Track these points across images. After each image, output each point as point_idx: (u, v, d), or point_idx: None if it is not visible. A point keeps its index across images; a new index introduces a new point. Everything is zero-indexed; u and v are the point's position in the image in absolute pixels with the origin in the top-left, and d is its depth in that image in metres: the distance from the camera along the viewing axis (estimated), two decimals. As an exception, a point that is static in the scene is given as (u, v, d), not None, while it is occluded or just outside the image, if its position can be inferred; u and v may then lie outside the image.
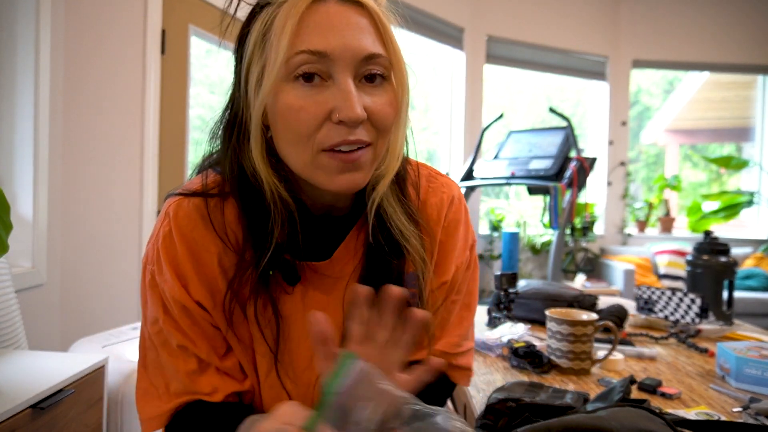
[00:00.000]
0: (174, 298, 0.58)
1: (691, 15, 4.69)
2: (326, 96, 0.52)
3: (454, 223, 0.69)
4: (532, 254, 4.40)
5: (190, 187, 0.61)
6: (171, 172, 2.20)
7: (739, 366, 0.99)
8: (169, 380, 0.60)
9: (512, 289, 1.41)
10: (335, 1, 0.53)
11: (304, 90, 0.52)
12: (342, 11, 0.52)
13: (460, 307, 0.72)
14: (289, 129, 0.53)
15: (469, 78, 4.13)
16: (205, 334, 0.60)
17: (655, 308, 1.45)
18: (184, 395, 0.60)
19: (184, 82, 2.25)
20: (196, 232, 0.59)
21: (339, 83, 0.52)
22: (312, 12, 0.52)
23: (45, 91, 1.62)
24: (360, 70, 0.53)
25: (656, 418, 0.66)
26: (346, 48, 0.51)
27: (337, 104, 0.51)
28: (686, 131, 6.00)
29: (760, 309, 3.75)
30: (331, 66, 0.51)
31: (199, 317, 0.59)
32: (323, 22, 0.51)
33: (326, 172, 0.54)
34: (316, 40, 0.51)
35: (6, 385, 1.01)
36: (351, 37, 0.52)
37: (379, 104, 0.54)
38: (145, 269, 0.61)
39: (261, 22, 0.54)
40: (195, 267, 0.59)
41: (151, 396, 0.61)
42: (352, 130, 0.52)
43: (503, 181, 3.16)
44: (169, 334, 0.59)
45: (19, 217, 1.59)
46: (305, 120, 0.52)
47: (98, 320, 1.84)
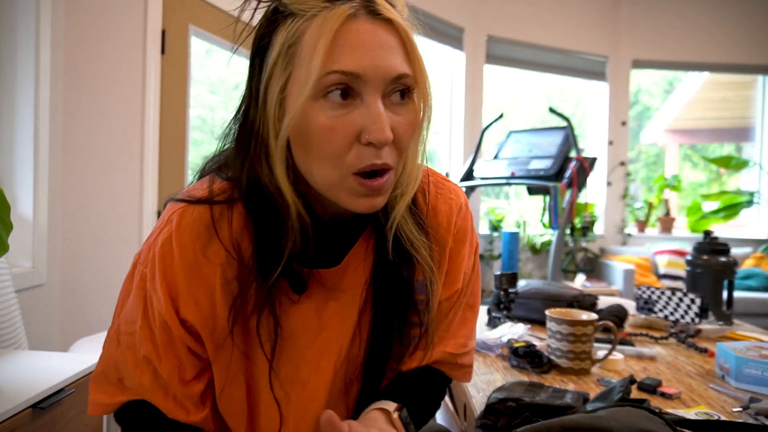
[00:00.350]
0: (159, 312, 0.57)
1: (691, 15, 4.69)
2: (355, 116, 0.52)
3: (462, 231, 0.70)
4: (532, 254, 4.40)
5: (194, 194, 0.59)
6: (171, 172, 2.20)
7: (738, 366, 1.00)
8: (123, 375, 0.60)
9: (512, 289, 1.41)
10: (365, 18, 0.52)
11: (333, 110, 0.51)
12: (373, 30, 0.52)
13: (464, 309, 0.73)
14: (318, 148, 0.52)
15: (469, 78, 4.13)
16: (175, 355, 0.59)
17: (654, 308, 1.45)
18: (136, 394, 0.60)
19: (184, 82, 2.25)
20: (198, 243, 0.57)
21: (368, 104, 0.51)
22: (344, 30, 0.51)
23: (45, 91, 1.62)
24: (387, 89, 0.53)
25: (656, 418, 0.66)
26: (377, 69, 0.51)
27: (367, 125, 0.51)
28: (686, 131, 5.99)
29: (760, 309, 3.75)
30: (361, 86, 0.51)
31: (177, 338, 0.58)
32: (356, 42, 0.51)
33: (351, 194, 0.54)
34: (348, 59, 0.50)
35: (6, 385, 1.01)
36: (382, 58, 0.51)
37: (403, 124, 0.54)
38: (136, 267, 0.61)
39: (285, 32, 0.53)
40: (189, 281, 0.57)
41: (104, 381, 0.61)
42: (379, 152, 0.52)
43: (503, 181, 3.16)
44: (140, 342, 0.58)
45: (19, 217, 1.59)
46: (335, 141, 0.52)
47: (98, 320, 1.84)
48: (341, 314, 0.63)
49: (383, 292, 0.63)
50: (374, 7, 0.52)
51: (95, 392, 0.62)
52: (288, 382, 0.62)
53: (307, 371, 0.63)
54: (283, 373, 0.62)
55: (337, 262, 0.63)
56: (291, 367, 0.62)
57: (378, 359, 0.65)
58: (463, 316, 0.73)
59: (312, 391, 0.64)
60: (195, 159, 2.36)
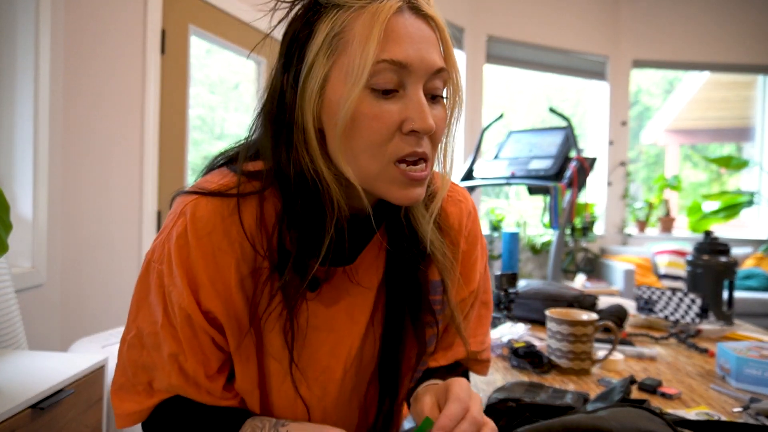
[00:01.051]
0: (180, 305, 0.56)
1: (691, 15, 4.69)
2: (399, 106, 0.53)
3: (474, 234, 0.72)
4: (532, 254, 4.40)
5: (206, 186, 0.58)
6: (171, 172, 2.20)
7: (739, 366, 0.99)
8: (152, 378, 0.59)
9: (512, 289, 1.41)
10: (410, 13, 0.54)
11: (377, 99, 0.52)
12: (417, 24, 0.54)
13: (479, 306, 0.75)
14: (362, 137, 0.53)
15: (469, 78, 4.13)
16: (200, 350, 0.58)
17: (655, 308, 1.45)
18: (167, 394, 0.59)
19: (184, 82, 2.25)
20: (215, 235, 0.56)
21: (411, 95, 0.53)
22: (393, 22, 0.52)
23: (45, 91, 1.62)
24: (428, 83, 0.54)
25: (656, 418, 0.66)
26: (422, 60, 0.53)
27: (410, 115, 0.52)
28: (686, 131, 5.99)
29: (760, 309, 3.75)
30: (406, 77, 0.53)
31: (200, 330, 0.57)
32: (404, 34, 0.52)
33: (392, 184, 0.55)
34: (397, 50, 0.52)
35: (6, 385, 1.00)
36: (426, 51, 0.53)
37: (438, 118, 0.56)
38: (150, 266, 0.58)
39: (330, 23, 0.53)
40: (209, 272, 0.56)
41: (128, 392, 0.60)
42: (420, 141, 0.54)
43: (503, 181, 3.16)
44: (164, 340, 0.57)
45: (19, 217, 1.59)
46: (379, 129, 0.52)
47: (98, 320, 1.84)
48: (352, 313, 0.63)
49: (397, 291, 0.64)
50: (416, 3, 0.54)
51: (122, 403, 0.60)
52: (297, 380, 0.62)
53: (318, 370, 0.63)
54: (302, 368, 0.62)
55: (351, 260, 0.63)
56: (302, 365, 0.62)
57: (392, 359, 0.65)
58: (479, 313, 0.75)
59: (321, 389, 0.64)
60: (195, 159, 2.36)
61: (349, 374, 0.65)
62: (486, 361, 0.77)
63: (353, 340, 0.64)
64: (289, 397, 0.63)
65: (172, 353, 0.57)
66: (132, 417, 0.59)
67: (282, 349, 0.60)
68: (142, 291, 0.59)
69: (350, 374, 0.65)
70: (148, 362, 0.59)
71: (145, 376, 0.59)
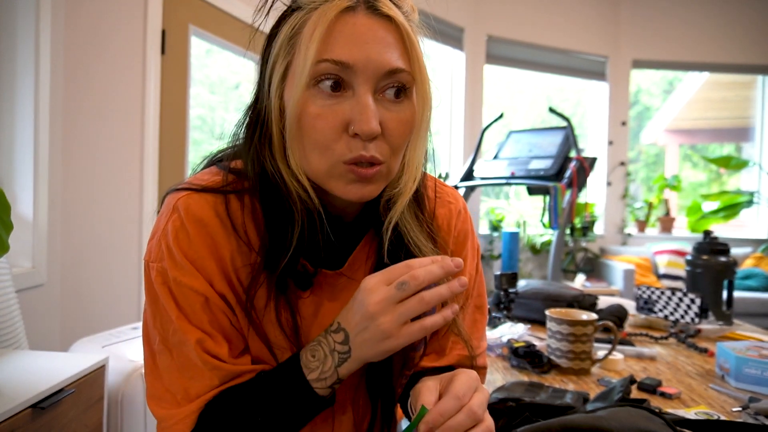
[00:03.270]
0: (195, 291, 0.55)
1: (691, 15, 4.69)
2: (344, 107, 0.52)
3: (463, 234, 0.72)
4: (532, 254, 4.40)
5: (198, 183, 0.59)
6: (171, 172, 2.20)
7: (738, 366, 1.00)
8: (188, 383, 0.56)
9: (512, 289, 1.41)
10: (365, 13, 0.53)
11: (323, 99, 0.52)
12: (370, 24, 0.52)
13: (473, 310, 0.74)
14: (308, 136, 0.53)
15: (469, 78, 4.13)
16: (222, 330, 0.57)
17: (654, 308, 1.45)
18: (208, 393, 0.56)
19: (184, 82, 2.25)
20: (211, 227, 0.57)
21: (358, 96, 0.52)
22: (341, 22, 0.52)
23: (45, 91, 1.62)
24: (381, 84, 0.53)
25: (656, 418, 0.66)
26: (369, 60, 0.51)
27: (354, 116, 0.52)
28: (686, 131, 5.99)
29: (760, 309, 3.75)
30: (352, 77, 0.52)
31: (219, 312, 0.57)
32: (350, 33, 0.52)
33: (342, 181, 0.54)
34: (340, 50, 0.51)
35: (6, 385, 1.01)
36: (375, 51, 0.52)
37: (395, 121, 0.54)
38: (150, 268, 0.57)
39: (289, 25, 0.54)
40: (213, 260, 0.57)
41: (168, 403, 0.57)
42: (367, 144, 0.53)
43: (503, 181, 3.16)
44: (185, 331, 0.55)
45: (19, 217, 1.59)
46: (322, 129, 0.52)
47: (98, 320, 1.84)
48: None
49: None
50: (374, 3, 0.53)
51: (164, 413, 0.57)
52: None
53: None
54: None
55: (340, 264, 0.63)
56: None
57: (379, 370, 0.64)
58: (473, 317, 0.74)
59: None
60: (195, 159, 2.36)
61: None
62: (482, 368, 0.74)
63: None
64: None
65: (198, 339, 0.55)
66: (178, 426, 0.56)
67: (279, 340, 0.60)
68: (151, 295, 0.58)
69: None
70: (180, 364, 0.56)
71: (180, 381, 0.56)
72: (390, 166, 0.56)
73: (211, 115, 2.78)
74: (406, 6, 0.57)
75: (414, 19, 0.58)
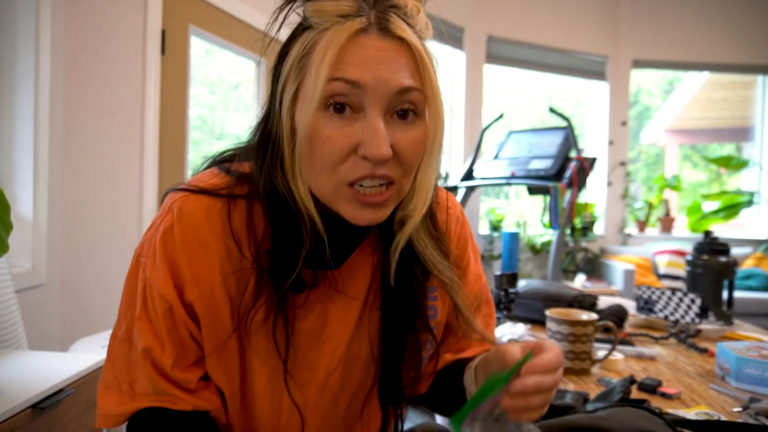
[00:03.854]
0: (163, 296, 0.57)
1: (691, 15, 4.69)
2: (354, 129, 0.52)
3: (464, 239, 0.73)
4: (532, 254, 4.40)
5: (198, 184, 0.59)
6: (171, 172, 2.20)
7: (738, 366, 1.00)
8: (135, 378, 0.58)
9: (512, 289, 1.41)
10: (376, 35, 0.52)
11: (333, 120, 0.52)
12: (381, 45, 0.52)
13: (483, 304, 0.76)
14: (316, 157, 0.53)
15: (469, 78, 4.13)
16: (180, 341, 0.58)
17: (655, 308, 1.45)
18: (150, 397, 0.58)
19: (184, 82, 2.25)
20: (201, 232, 0.57)
21: (369, 118, 0.52)
22: (353, 44, 0.51)
23: (45, 91, 1.62)
24: (392, 105, 0.53)
25: (656, 418, 0.66)
26: (380, 81, 0.51)
27: (364, 139, 0.51)
28: (686, 131, 5.99)
29: (760, 309, 3.75)
30: (363, 98, 0.51)
31: (180, 323, 0.58)
32: (362, 55, 0.51)
33: (348, 204, 0.54)
34: (352, 70, 0.51)
35: (6, 385, 1.01)
36: (387, 72, 0.51)
37: (408, 142, 0.54)
38: (138, 261, 0.60)
39: (300, 44, 0.54)
40: (192, 267, 0.57)
41: (114, 391, 0.59)
42: (377, 165, 0.52)
43: (503, 181, 3.16)
44: (140, 333, 0.57)
45: (19, 217, 1.59)
46: (330, 150, 0.52)
47: (98, 320, 1.84)
48: (339, 317, 0.63)
49: (392, 298, 0.63)
50: (387, 24, 0.52)
51: (104, 404, 0.59)
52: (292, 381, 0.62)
53: (306, 374, 0.63)
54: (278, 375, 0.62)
55: (338, 264, 0.62)
56: (292, 366, 0.62)
57: (391, 365, 0.65)
58: (483, 312, 0.76)
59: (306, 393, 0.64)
60: (195, 159, 2.36)
61: (334, 377, 0.64)
62: None
63: (341, 340, 0.64)
64: (274, 399, 0.62)
65: (145, 348, 0.57)
66: (111, 419, 0.58)
67: (269, 352, 0.60)
68: (131, 285, 0.60)
69: (335, 378, 0.64)
70: (134, 358, 0.58)
71: (128, 375, 0.59)
72: (401, 187, 0.56)
73: (211, 115, 2.78)
74: (420, 24, 0.56)
75: (428, 35, 0.58)
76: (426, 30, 0.57)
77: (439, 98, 0.55)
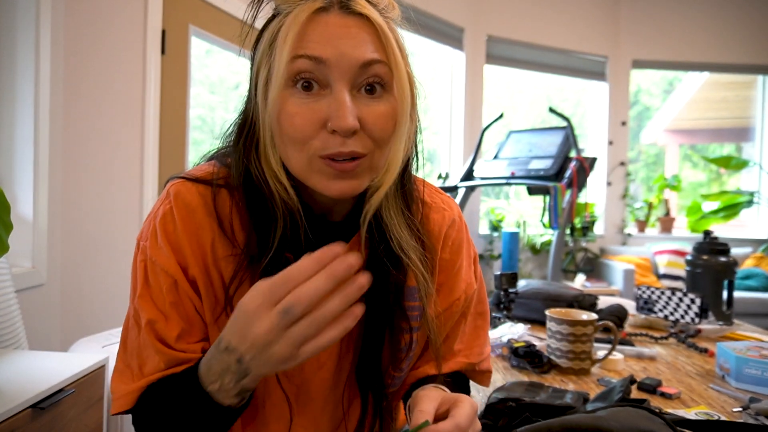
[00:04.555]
0: (166, 272, 0.58)
1: (691, 15, 4.69)
2: (321, 105, 0.53)
3: (458, 242, 0.72)
4: (532, 254, 4.40)
5: (195, 173, 0.62)
6: (171, 172, 2.20)
7: (738, 366, 1.00)
8: (143, 360, 0.59)
9: (512, 289, 1.41)
10: (337, 13, 0.54)
11: (300, 97, 0.54)
12: (343, 22, 0.54)
13: (475, 317, 0.75)
14: (285, 134, 0.55)
15: (469, 78, 4.13)
16: (186, 315, 0.59)
17: (654, 308, 1.45)
18: (160, 373, 0.58)
19: (184, 82, 2.25)
20: (197, 214, 0.60)
21: (335, 93, 0.53)
22: (314, 22, 0.53)
23: (45, 91, 1.62)
24: (358, 79, 0.54)
25: (656, 418, 0.66)
26: (342, 56, 0.52)
27: (331, 113, 0.52)
28: (686, 131, 5.99)
29: (760, 309, 3.75)
30: (328, 74, 0.53)
31: (185, 296, 0.59)
32: (323, 31, 0.53)
33: (322, 176, 0.55)
34: (313, 46, 0.53)
35: (6, 385, 1.01)
36: (349, 47, 0.53)
37: (375, 115, 0.54)
38: (139, 245, 0.62)
39: (270, 31, 0.56)
40: (192, 246, 0.59)
41: (125, 376, 0.60)
42: (346, 140, 0.53)
43: (503, 181, 3.16)
44: (141, 309, 0.58)
45: (19, 217, 1.59)
46: (300, 126, 0.53)
47: (98, 320, 1.84)
48: None
49: (371, 295, 0.63)
50: (348, 2, 0.54)
51: (117, 387, 0.59)
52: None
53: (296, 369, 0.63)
54: None
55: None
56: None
57: (370, 362, 0.64)
58: (474, 324, 0.75)
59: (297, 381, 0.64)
60: (195, 159, 2.35)
61: (326, 369, 0.64)
62: (487, 372, 0.76)
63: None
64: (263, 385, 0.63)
65: (149, 320, 0.58)
66: (122, 400, 0.59)
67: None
68: (134, 273, 0.62)
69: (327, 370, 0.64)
70: (142, 341, 0.59)
71: (137, 357, 0.59)
72: (373, 160, 0.56)
73: (211, 115, 2.78)
74: (383, 3, 0.58)
75: (393, 15, 0.59)
76: (391, 10, 0.59)
77: (404, 72, 0.56)
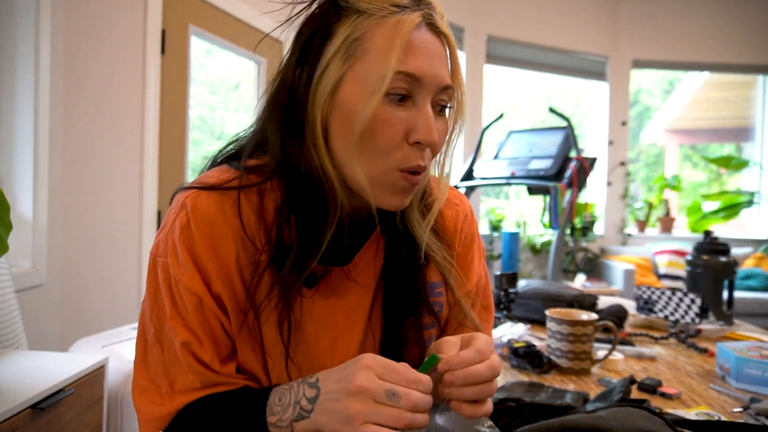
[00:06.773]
0: (191, 291, 0.57)
1: (691, 15, 4.69)
2: (407, 116, 0.55)
3: (470, 237, 0.73)
4: (532, 254, 4.40)
5: (206, 181, 0.60)
6: (171, 172, 2.20)
7: (739, 366, 1.00)
8: (173, 378, 0.58)
9: (512, 289, 1.41)
10: (426, 29, 0.56)
11: (390, 107, 0.54)
12: (432, 40, 0.56)
13: (480, 310, 0.76)
14: (372, 141, 0.55)
15: (469, 78, 4.13)
16: (212, 334, 0.58)
17: (655, 308, 1.45)
18: (195, 392, 0.58)
19: (184, 82, 2.25)
20: (216, 226, 0.58)
21: (421, 107, 0.55)
22: (412, 36, 0.54)
23: (45, 91, 1.62)
24: (435, 98, 0.56)
25: (656, 418, 0.66)
26: (434, 75, 0.55)
27: (417, 126, 0.55)
28: (686, 131, 5.99)
29: (760, 309, 3.75)
30: (417, 89, 0.55)
31: (211, 315, 0.58)
32: (421, 49, 0.54)
33: (389, 189, 0.57)
34: (414, 63, 0.54)
35: (6, 385, 1.01)
36: (438, 66, 0.55)
37: (440, 132, 0.58)
38: (155, 261, 0.59)
39: (350, 27, 0.54)
40: (214, 261, 0.57)
41: (153, 394, 0.59)
42: (422, 153, 0.56)
43: (503, 181, 3.16)
44: (175, 331, 0.57)
45: (19, 217, 1.59)
46: (390, 135, 0.55)
47: (98, 320, 1.84)
48: (350, 312, 0.64)
49: (394, 293, 0.64)
50: (433, 20, 0.56)
51: (144, 407, 0.59)
52: (293, 375, 0.62)
53: (315, 366, 0.63)
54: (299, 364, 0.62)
55: (347, 261, 0.63)
56: (298, 361, 0.62)
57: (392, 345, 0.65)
58: (480, 317, 0.76)
59: None
60: (195, 159, 2.36)
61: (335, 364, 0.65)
62: None
63: (351, 338, 0.64)
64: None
65: (184, 342, 0.57)
66: (155, 422, 0.58)
67: (276, 342, 0.60)
68: (153, 287, 0.60)
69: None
70: (168, 360, 0.58)
71: (166, 376, 0.58)
72: (426, 174, 0.59)
73: (211, 115, 2.78)
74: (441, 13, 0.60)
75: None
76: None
77: (465, 95, 0.60)
